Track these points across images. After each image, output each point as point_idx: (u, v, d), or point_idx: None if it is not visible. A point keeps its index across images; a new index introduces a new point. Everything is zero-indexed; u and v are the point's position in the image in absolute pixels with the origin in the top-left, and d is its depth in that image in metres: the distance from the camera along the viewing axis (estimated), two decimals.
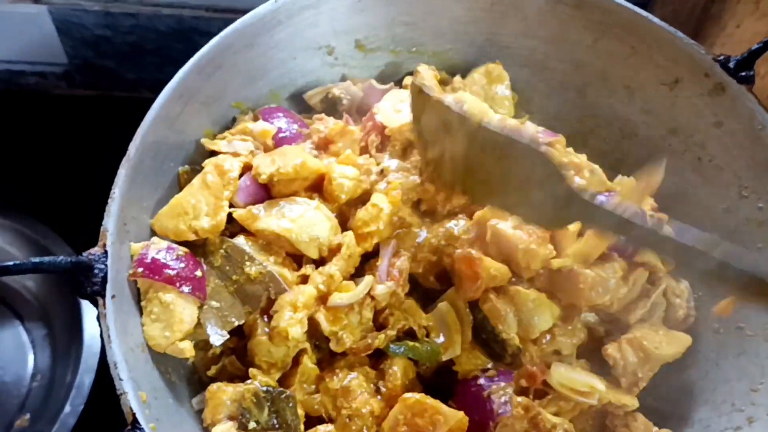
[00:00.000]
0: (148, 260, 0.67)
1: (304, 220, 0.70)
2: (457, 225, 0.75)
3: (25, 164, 1.23)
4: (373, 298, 0.70)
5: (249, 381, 0.68)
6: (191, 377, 0.74)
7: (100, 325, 0.63)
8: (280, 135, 0.81)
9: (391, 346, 0.71)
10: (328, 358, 0.73)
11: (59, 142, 1.23)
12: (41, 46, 1.15)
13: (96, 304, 0.64)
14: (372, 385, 0.70)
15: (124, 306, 0.67)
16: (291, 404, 0.66)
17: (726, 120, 0.82)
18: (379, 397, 0.69)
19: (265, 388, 0.67)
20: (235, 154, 0.75)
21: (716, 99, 0.82)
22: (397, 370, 0.71)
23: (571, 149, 0.85)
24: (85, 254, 0.65)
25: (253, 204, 0.73)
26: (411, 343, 0.71)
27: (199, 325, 0.67)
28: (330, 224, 0.73)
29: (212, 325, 0.67)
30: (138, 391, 0.62)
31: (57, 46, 1.15)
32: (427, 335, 0.73)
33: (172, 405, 0.68)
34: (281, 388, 0.68)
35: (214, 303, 0.68)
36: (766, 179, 0.79)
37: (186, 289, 0.67)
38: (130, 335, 0.66)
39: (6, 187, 1.21)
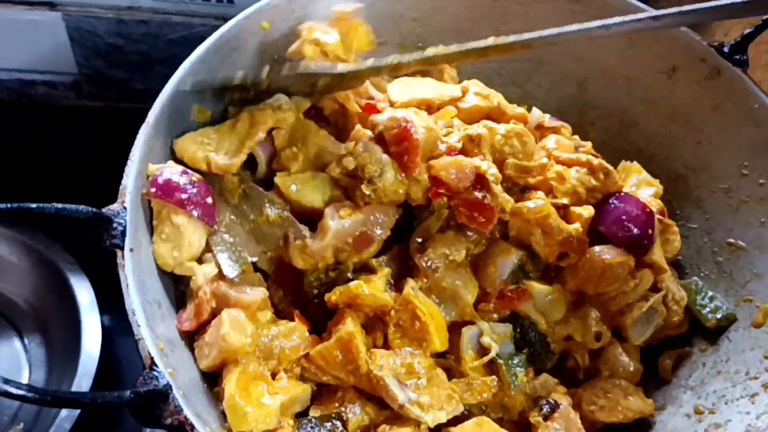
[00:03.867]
0: (161, 181, 0.69)
1: None
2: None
3: (31, 175, 1.24)
4: None
5: None
6: None
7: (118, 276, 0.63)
8: None
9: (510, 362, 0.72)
10: None
11: (66, 152, 1.25)
12: (53, 55, 1.18)
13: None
14: None
15: (142, 263, 0.67)
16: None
17: (723, 103, 0.85)
18: None
19: None
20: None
21: (713, 83, 0.86)
22: None
23: (577, 137, 0.88)
24: (104, 209, 0.66)
25: (271, 159, 0.74)
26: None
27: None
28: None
29: (225, 258, 0.68)
30: (156, 339, 0.61)
31: (68, 55, 1.17)
32: None
33: (188, 360, 0.67)
34: None
35: (227, 236, 0.69)
36: (765, 156, 0.82)
37: (196, 213, 0.68)
38: (148, 290, 0.66)
39: (11, 197, 1.22)
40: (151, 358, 0.59)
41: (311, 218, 0.75)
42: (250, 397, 0.63)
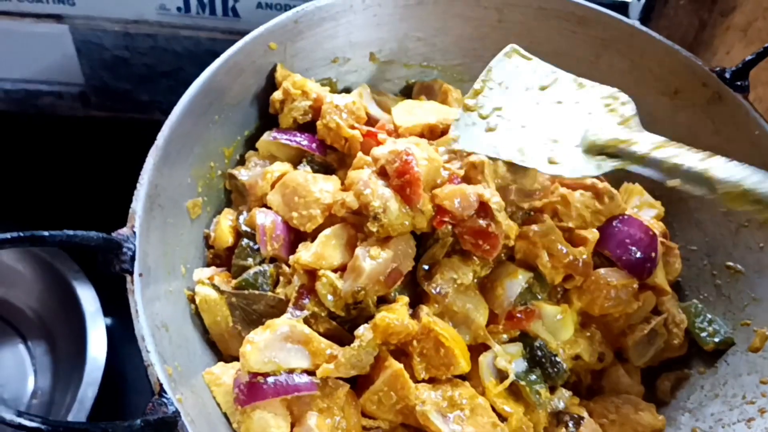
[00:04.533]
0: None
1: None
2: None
3: (37, 185, 1.25)
4: None
5: None
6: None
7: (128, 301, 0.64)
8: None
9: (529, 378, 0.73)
10: None
11: (72, 163, 1.25)
12: (60, 66, 1.18)
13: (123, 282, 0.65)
14: None
15: (150, 287, 0.68)
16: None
17: (724, 128, 0.86)
18: None
19: None
20: None
21: (714, 108, 0.87)
22: None
23: None
24: (114, 233, 0.67)
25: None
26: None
27: None
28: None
29: None
30: (164, 365, 0.62)
31: (75, 66, 1.18)
32: None
33: (198, 384, 0.68)
34: None
35: None
36: None
37: None
38: (156, 315, 0.67)
39: (16, 207, 1.23)
40: (160, 385, 0.60)
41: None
42: None
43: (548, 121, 0.75)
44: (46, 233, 0.61)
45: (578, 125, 0.74)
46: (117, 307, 1.07)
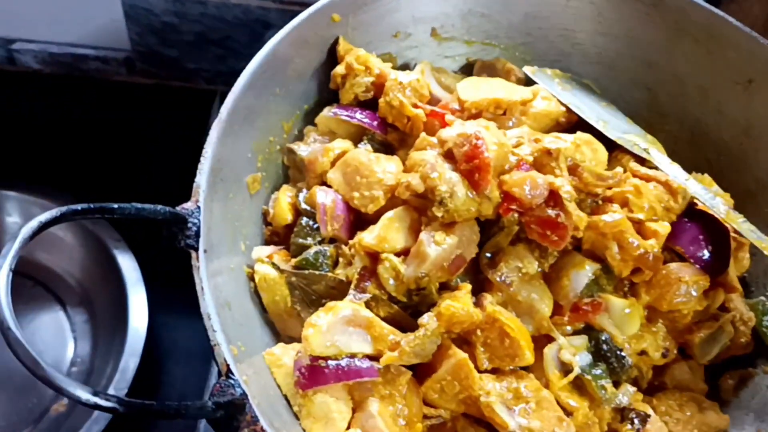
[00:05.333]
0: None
1: None
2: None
3: (81, 151, 1.24)
4: None
5: None
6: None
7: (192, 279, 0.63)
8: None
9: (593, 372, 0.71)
10: None
11: (116, 129, 1.24)
12: (107, 31, 1.17)
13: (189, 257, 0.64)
14: None
15: (213, 263, 0.66)
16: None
17: None
18: None
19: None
20: None
21: None
22: None
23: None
24: (179, 207, 0.65)
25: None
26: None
27: None
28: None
29: None
30: (229, 344, 0.61)
31: (123, 31, 1.16)
32: None
33: (259, 364, 0.67)
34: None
35: None
36: None
37: None
38: (220, 292, 0.66)
39: (57, 173, 1.22)
40: (227, 366, 0.59)
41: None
42: None
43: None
44: (115, 205, 0.60)
45: None
46: (156, 276, 1.09)
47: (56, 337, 1.08)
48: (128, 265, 1.09)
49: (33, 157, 1.24)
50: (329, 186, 0.78)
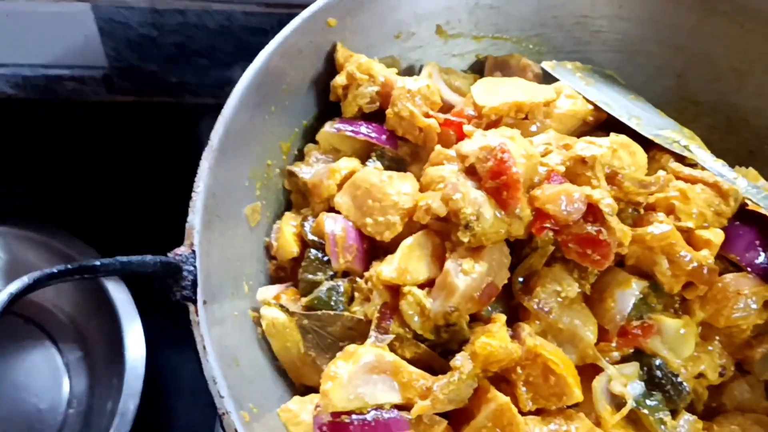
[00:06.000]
0: None
1: None
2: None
3: (59, 176, 1.17)
4: None
5: None
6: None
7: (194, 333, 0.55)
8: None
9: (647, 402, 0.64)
10: None
11: (96, 151, 1.17)
12: (81, 48, 1.09)
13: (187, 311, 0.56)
14: None
15: (215, 314, 0.58)
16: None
17: None
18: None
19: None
20: None
21: None
22: None
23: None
24: (171, 254, 0.57)
25: None
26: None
27: None
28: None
29: None
30: (240, 410, 0.53)
31: (98, 48, 1.08)
32: None
33: (274, 423, 0.59)
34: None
35: None
36: None
37: None
38: (225, 348, 0.58)
39: (38, 201, 1.15)
40: None
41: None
42: None
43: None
44: (97, 262, 0.52)
45: None
46: (151, 304, 1.02)
47: (50, 377, 1.03)
48: (121, 296, 1.03)
49: (11, 188, 1.16)
50: (337, 212, 0.69)
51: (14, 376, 1.02)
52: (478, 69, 0.87)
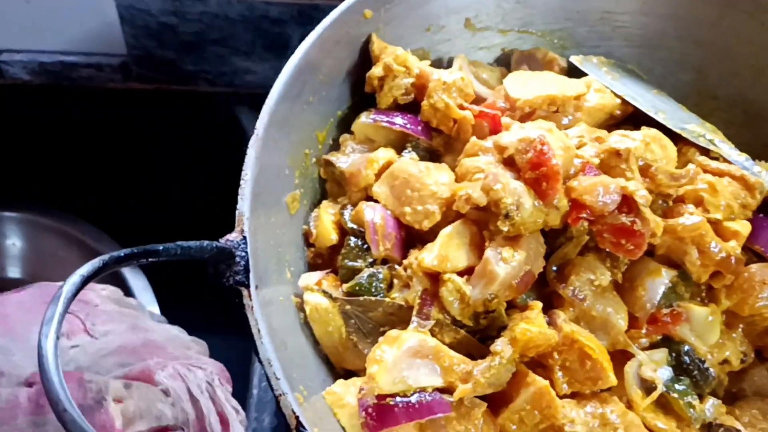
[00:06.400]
0: None
1: None
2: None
3: (78, 165, 1.17)
4: None
5: None
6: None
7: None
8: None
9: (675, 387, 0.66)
10: None
11: (112, 138, 1.17)
12: (100, 35, 1.08)
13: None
14: None
15: (265, 299, 0.60)
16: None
17: None
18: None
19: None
20: None
21: None
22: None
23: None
24: (222, 240, 0.58)
25: None
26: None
27: None
28: None
29: None
30: (294, 392, 0.55)
31: (117, 35, 1.08)
32: None
33: (321, 406, 0.61)
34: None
35: None
36: None
37: None
38: (275, 331, 0.59)
39: (53, 189, 1.15)
40: (297, 419, 0.53)
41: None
42: None
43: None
44: (160, 247, 0.53)
45: None
46: (169, 295, 1.03)
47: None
48: (138, 283, 1.05)
49: (28, 174, 1.16)
50: (375, 201, 0.71)
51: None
52: (503, 62, 0.88)
